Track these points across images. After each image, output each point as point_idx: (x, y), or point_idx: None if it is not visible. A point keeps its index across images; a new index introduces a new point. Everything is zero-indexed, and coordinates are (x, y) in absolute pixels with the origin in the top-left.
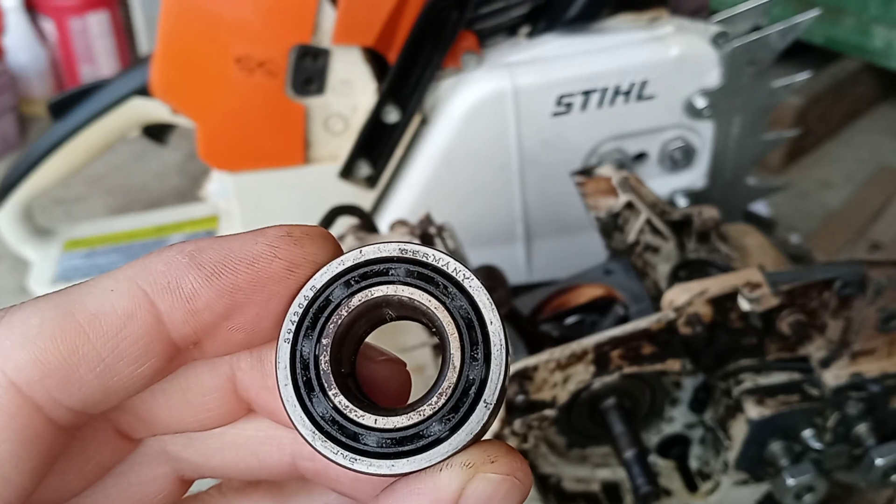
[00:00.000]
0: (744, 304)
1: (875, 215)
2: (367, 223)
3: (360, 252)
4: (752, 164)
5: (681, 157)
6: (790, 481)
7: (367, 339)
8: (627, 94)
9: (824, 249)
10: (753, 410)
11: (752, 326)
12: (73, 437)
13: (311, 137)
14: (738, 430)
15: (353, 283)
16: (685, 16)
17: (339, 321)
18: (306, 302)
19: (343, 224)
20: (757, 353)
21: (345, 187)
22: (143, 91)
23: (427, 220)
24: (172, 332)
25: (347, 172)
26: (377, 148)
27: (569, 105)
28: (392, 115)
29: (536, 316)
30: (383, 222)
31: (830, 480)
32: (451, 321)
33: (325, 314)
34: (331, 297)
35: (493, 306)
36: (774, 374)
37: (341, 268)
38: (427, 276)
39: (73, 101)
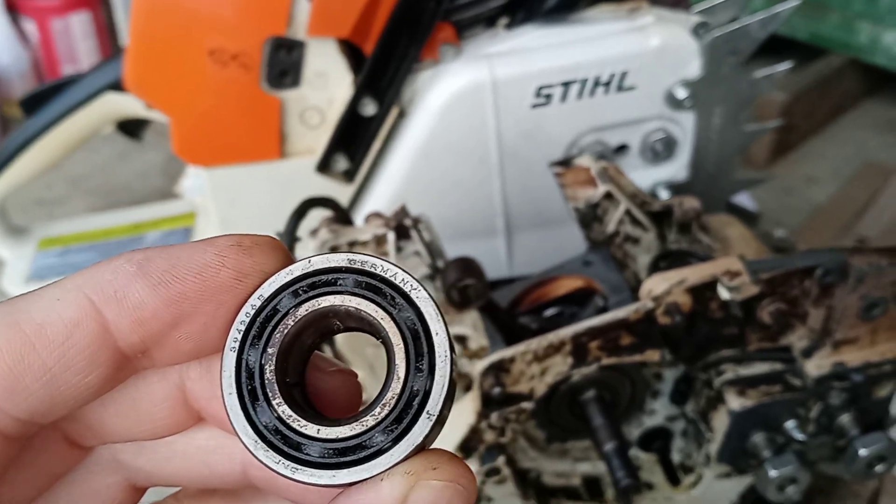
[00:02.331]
0: (723, 293)
1: (861, 210)
2: (341, 215)
3: (309, 262)
4: (735, 156)
5: (662, 149)
6: (772, 473)
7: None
8: (607, 85)
9: (810, 244)
10: (735, 401)
11: (732, 316)
12: (22, 446)
13: (287, 131)
14: (720, 422)
15: (300, 292)
16: (665, 6)
17: (286, 331)
18: (253, 311)
19: (316, 217)
20: (738, 343)
21: (322, 181)
22: (117, 86)
23: (402, 212)
24: (120, 341)
25: (324, 166)
26: (354, 141)
27: (548, 96)
28: (369, 108)
29: (515, 308)
30: (361, 216)
31: (814, 472)
32: (398, 332)
33: (272, 323)
34: (278, 307)
35: (441, 318)
36: (756, 364)
37: (289, 277)
38: (375, 287)
39: (45, 97)
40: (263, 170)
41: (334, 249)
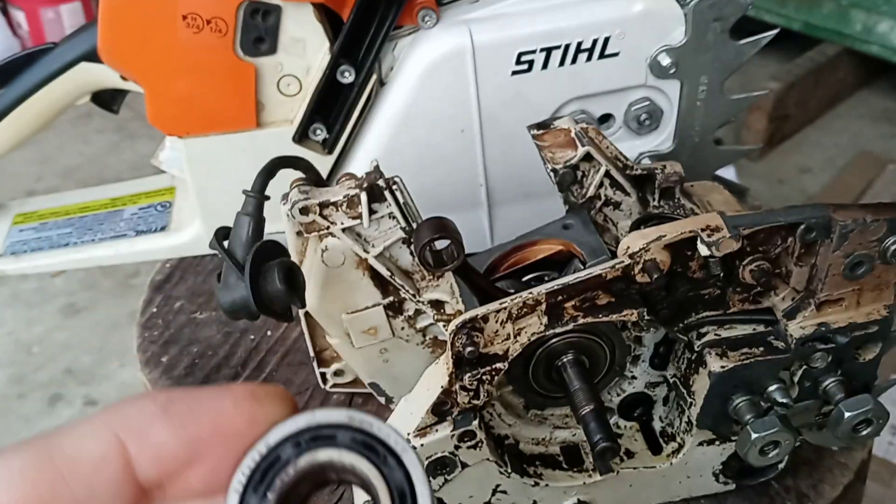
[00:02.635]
0: (703, 249)
1: (854, 200)
2: (313, 177)
3: (313, 415)
4: (721, 126)
5: (647, 119)
6: (754, 435)
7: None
8: (590, 51)
9: None
10: (715, 363)
11: (713, 275)
12: None
13: (264, 100)
14: (700, 385)
15: (302, 443)
16: None
17: (286, 479)
18: (259, 457)
19: (285, 177)
20: (719, 304)
21: (300, 152)
22: (92, 55)
23: (376, 172)
24: (140, 475)
25: (302, 136)
26: (332, 110)
27: (529, 63)
28: (347, 76)
29: (492, 273)
30: None
31: (801, 441)
32: (387, 492)
33: (274, 470)
34: (280, 455)
35: (427, 481)
36: (738, 326)
37: (293, 429)
38: (370, 445)
39: (18, 68)
40: (240, 139)
41: (304, 210)
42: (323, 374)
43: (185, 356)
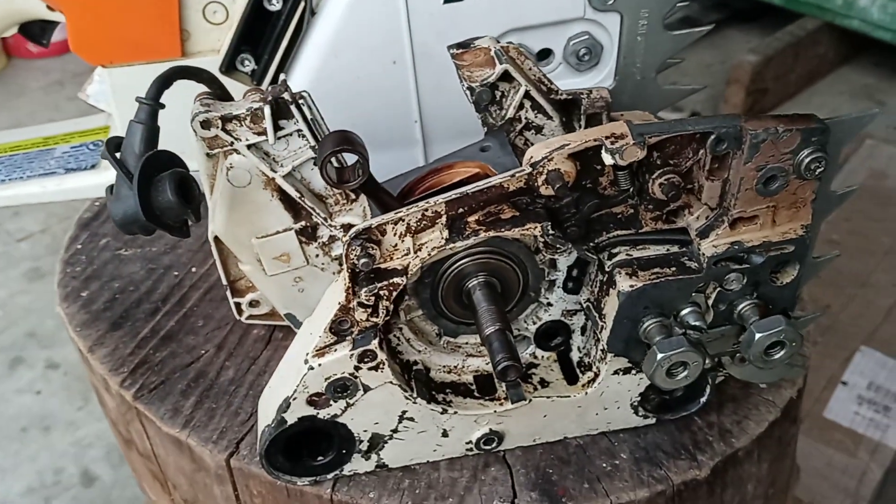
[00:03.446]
0: (607, 158)
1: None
2: (217, 90)
3: None
4: (663, 63)
5: (587, 55)
6: (659, 355)
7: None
8: None
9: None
10: (625, 283)
11: (623, 190)
12: None
13: (190, 28)
14: (611, 307)
15: None
16: None
17: None
18: None
19: (183, 89)
20: (632, 223)
21: (228, 82)
22: None
23: (282, 86)
24: None
25: (230, 66)
26: (261, 40)
27: None
28: (274, 3)
29: (408, 196)
30: None
31: (727, 376)
32: None
33: None
34: None
35: None
36: (652, 246)
37: None
38: None
39: None
40: (164, 69)
41: (206, 124)
42: (238, 305)
43: (106, 291)
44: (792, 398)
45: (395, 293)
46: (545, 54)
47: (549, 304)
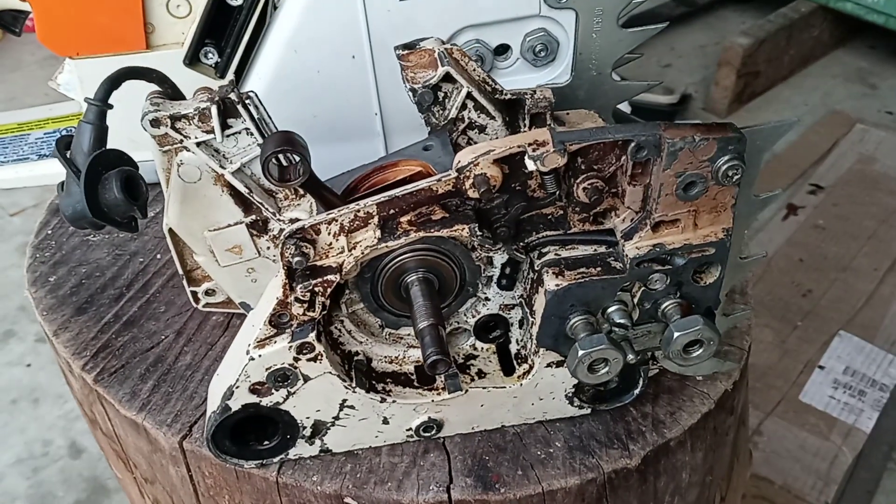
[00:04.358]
0: (529, 164)
1: (820, 159)
2: (168, 90)
3: None
4: (619, 59)
5: (543, 51)
6: (580, 352)
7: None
8: None
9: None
10: (551, 281)
11: (550, 193)
12: None
13: (154, 20)
14: (539, 304)
15: None
16: None
17: None
18: None
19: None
20: (561, 224)
21: (192, 75)
22: None
23: (229, 86)
24: None
25: (193, 59)
26: (224, 33)
27: None
28: None
29: (353, 193)
30: None
31: (662, 369)
32: None
33: None
34: None
35: None
36: (580, 247)
37: None
38: None
39: None
40: (130, 62)
41: (155, 123)
42: (194, 293)
43: (73, 276)
44: (727, 390)
45: (329, 290)
46: (503, 49)
47: (487, 299)
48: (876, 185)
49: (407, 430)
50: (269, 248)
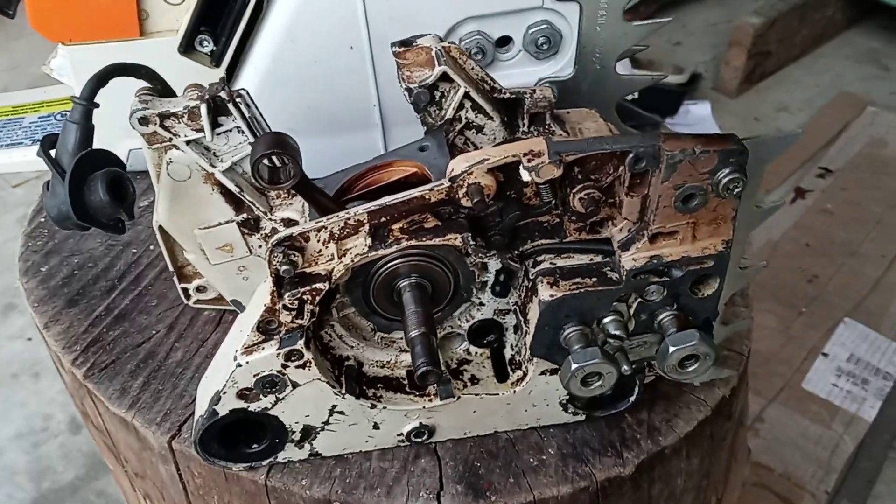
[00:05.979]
0: (524, 174)
1: (830, 142)
2: (158, 86)
3: None
4: (623, 52)
5: (545, 44)
6: (573, 366)
7: None
8: None
9: (771, 175)
10: (545, 292)
11: (545, 202)
12: None
13: (148, 7)
14: (533, 314)
15: None
16: None
17: None
18: None
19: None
20: (557, 233)
21: (187, 64)
22: None
23: (220, 85)
24: None
25: (188, 47)
26: (220, 20)
27: None
28: None
29: (346, 193)
30: None
31: (638, 370)
32: None
33: None
34: None
35: None
36: (576, 256)
37: None
38: None
39: None
40: (124, 49)
41: (144, 121)
42: (185, 290)
43: (65, 267)
44: (724, 397)
45: (318, 297)
46: (505, 41)
47: (482, 304)
48: (886, 169)
49: (398, 435)
50: (260, 246)
